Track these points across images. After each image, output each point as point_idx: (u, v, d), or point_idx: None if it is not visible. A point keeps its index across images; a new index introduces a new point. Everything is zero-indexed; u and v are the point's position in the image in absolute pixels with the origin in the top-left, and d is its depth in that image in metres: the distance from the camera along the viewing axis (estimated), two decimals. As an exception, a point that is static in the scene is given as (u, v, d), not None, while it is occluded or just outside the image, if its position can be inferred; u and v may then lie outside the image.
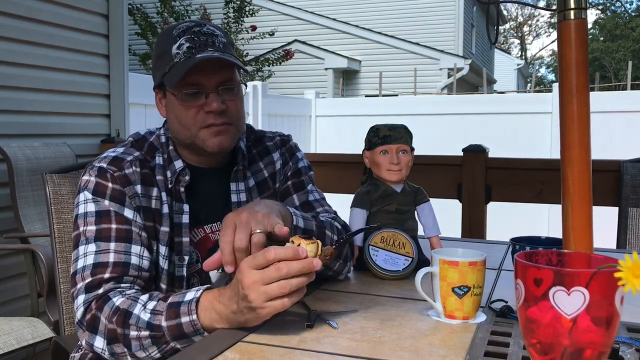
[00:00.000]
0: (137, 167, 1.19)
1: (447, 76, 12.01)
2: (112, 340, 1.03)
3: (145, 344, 1.01)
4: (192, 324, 0.99)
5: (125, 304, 1.04)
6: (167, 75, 1.17)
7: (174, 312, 1.00)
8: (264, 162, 1.34)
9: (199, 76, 1.15)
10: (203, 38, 1.17)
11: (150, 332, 1.01)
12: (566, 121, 1.09)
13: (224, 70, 1.18)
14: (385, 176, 1.40)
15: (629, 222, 2.44)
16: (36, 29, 3.17)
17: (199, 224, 1.24)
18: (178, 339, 1.00)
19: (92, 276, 1.09)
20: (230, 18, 8.22)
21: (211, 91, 1.17)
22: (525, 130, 6.22)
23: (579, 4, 1.08)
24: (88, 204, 1.15)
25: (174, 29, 1.19)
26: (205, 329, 0.99)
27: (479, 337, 0.96)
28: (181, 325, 0.99)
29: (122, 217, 1.15)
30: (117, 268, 1.10)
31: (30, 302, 2.62)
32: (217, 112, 1.17)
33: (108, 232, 1.13)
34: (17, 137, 3.06)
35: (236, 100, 1.21)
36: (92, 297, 1.07)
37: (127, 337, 1.02)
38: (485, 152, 2.92)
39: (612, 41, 29.01)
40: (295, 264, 0.92)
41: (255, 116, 5.70)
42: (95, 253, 1.11)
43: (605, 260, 0.76)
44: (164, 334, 1.00)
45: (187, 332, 0.99)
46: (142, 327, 1.01)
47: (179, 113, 1.19)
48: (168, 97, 1.21)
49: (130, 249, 1.13)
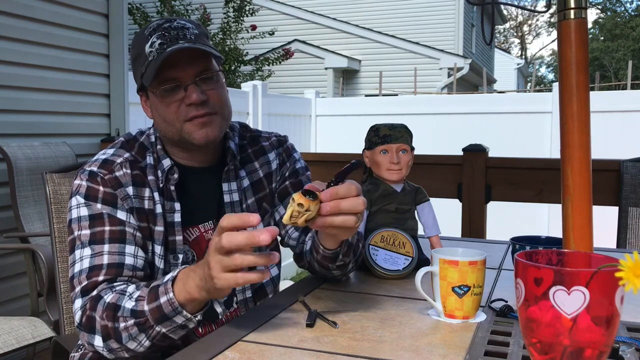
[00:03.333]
0: (128, 169, 1.19)
1: (447, 76, 12.01)
2: (107, 337, 1.03)
3: (132, 333, 1.01)
4: (170, 302, 0.98)
5: (114, 298, 1.04)
6: (144, 75, 1.17)
7: (153, 294, 0.99)
8: (259, 162, 1.34)
9: (174, 70, 1.15)
10: (174, 32, 1.17)
11: (135, 320, 1.00)
12: (566, 121, 1.09)
13: (198, 60, 1.17)
14: (385, 175, 1.40)
15: (628, 221, 2.44)
16: (36, 29, 3.17)
17: (192, 223, 1.24)
18: (161, 322, 0.99)
19: (87, 279, 1.10)
20: (230, 17, 8.21)
21: (189, 83, 1.16)
22: (525, 130, 6.21)
23: (579, 3, 1.07)
24: (80, 208, 1.15)
25: (146, 29, 1.20)
26: (182, 305, 0.98)
27: (479, 337, 0.96)
28: (161, 306, 0.98)
29: (115, 219, 1.15)
30: (111, 270, 1.11)
31: (30, 302, 2.62)
32: (198, 103, 1.16)
33: (102, 234, 1.13)
34: (17, 137, 3.06)
35: (217, 89, 1.20)
36: (87, 300, 1.08)
37: (117, 330, 1.02)
38: (485, 151, 2.92)
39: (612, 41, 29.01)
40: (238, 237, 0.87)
41: (255, 116, 5.69)
42: (91, 256, 1.12)
43: (606, 259, 0.76)
44: (147, 318, 0.99)
45: (167, 312, 0.98)
46: (127, 316, 1.01)
47: (161, 110, 1.19)
48: (150, 97, 1.21)
49: (124, 249, 1.13)
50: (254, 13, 8.40)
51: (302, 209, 0.93)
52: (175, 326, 1.00)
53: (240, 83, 7.30)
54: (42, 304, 2.42)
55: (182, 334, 1.03)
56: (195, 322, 1.01)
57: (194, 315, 1.00)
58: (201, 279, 0.94)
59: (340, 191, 0.96)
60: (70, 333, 1.42)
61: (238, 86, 6.81)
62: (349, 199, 0.96)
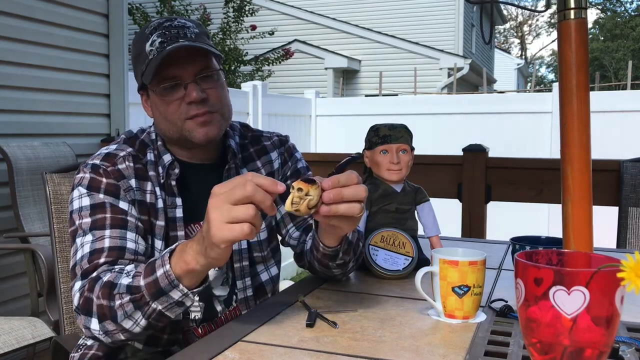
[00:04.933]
0: (131, 162, 1.19)
1: (447, 76, 12.01)
2: (102, 317, 1.01)
3: (128, 311, 0.99)
4: (166, 275, 0.95)
5: (111, 277, 1.02)
6: (144, 73, 1.17)
7: (150, 269, 0.98)
8: (261, 161, 1.34)
9: (174, 68, 1.15)
10: (174, 31, 1.17)
11: (131, 296, 0.98)
12: (566, 121, 1.09)
13: (198, 59, 1.17)
14: (385, 176, 1.40)
15: (628, 221, 2.44)
16: (36, 29, 3.17)
17: (194, 219, 1.24)
18: (157, 297, 0.97)
19: (88, 263, 1.08)
20: (230, 17, 8.21)
21: (189, 81, 1.16)
22: (525, 130, 6.21)
23: (579, 3, 1.08)
24: (83, 198, 1.15)
25: (146, 28, 1.20)
26: (178, 277, 0.95)
27: (479, 337, 0.96)
28: (157, 280, 0.96)
29: (118, 208, 1.14)
30: (113, 252, 1.09)
31: (30, 302, 2.62)
32: (198, 102, 1.16)
33: (103, 220, 1.12)
34: (17, 137, 3.06)
35: (217, 88, 1.20)
36: (86, 281, 1.06)
37: (113, 309, 0.99)
38: (485, 151, 2.92)
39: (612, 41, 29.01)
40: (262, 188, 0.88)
41: (255, 115, 5.69)
42: (92, 242, 1.11)
43: (606, 259, 0.76)
44: (142, 294, 0.97)
45: (163, 286, 0.96)
46: (123, 292, 0.99)
47: (161, 109, 1.19)
48: (151, 95, 1.21)
49: (125, 234, 1.13)
50: (253, 13, 8.40)
51: (301, 193, 0.92)
52: (172, 302, 0.97)
53: (240, 83, 7.30)
54: (42, 304, 2.42)
55: (179, 312, 1.01)
56: (193, 300, 0.98)
57: (191, 290, 0.97)
58: (198, 242, 0.93)
59: (342, 179, 0.96)
60: (70, 333, 1.42)
61: (238, 86, 6.81)
62: (352, 187, 0.95)
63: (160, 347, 1.19)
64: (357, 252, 1.24)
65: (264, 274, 1.33)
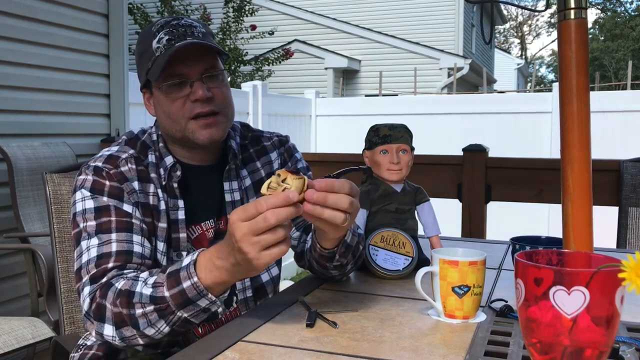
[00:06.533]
0: (133, 164, 1.19)
1: (447, 76, 12.00)
2: (120, 324, 1.02)
3: (152, 319, 1.00)
4: (194, 287, 0.97)
5: (127, 285, 1.03)
6: (150, 70, 1.17)
7: (174, 280, 0.99)
8: (261, 162, 1.34)
9: (181, 66, 1.16)
10: (182, 29, 1.17)
11: (155, 306, 0.99)
12: (566, 121, 1.09)
13: (205, 57, 1.18)
14: (385, 176, 1.40)
15: (628, 221, 2.44)
16: (36, 29, 3.17)
17: (194, 221, 1.24)
18: (183, 307, 0.99)
19: (96, 267, 1.08)
20: (230, 17, 8.22)
21: (195, 80, 1.16)
22: (525, 130, 6.21)
23: (579, 3, 1.07)
24: (86, 200, 1.15)
25: (153, 26, 1.20)
26: (208, 288, 0.98)
27: (479, 337, 0.96)
28: (184, 291, 0.97)
29: (122, 211, 1.14)
30: (120, 257, 1.10)
31: (30, 302, 2.62)
32: (203, 100, 1.16)
33: (108, 224, 1.12)
34: (17, 137, 3.06)
35: (222, 88, 1.21)
36: (96, 287, 1.07)
37: (134, 317, 1.00)
38: (485, 151, 2.92)
39: (612, 41, 29.01)
40: (284, 211, 0.90)
41: (255, 115, 5.69)
42: (98, 245, 1.10)
43: (606, 259, 0.76)
44: (168, 304, 0.98)
45: (191, 297, 0.98)
46: (146, 302, 1.00)
47: (166, 106, 1.19)
48: (155, 93, 1.21)
49: (132, 238, 1.13)
50: (253, 13, 8.40)
51: (279, 179, 0.93)
52: (198, 310, 1.00)
53: (240, 83, 7.30)
54: (42, 304, 2.42)
55: (204, 317, 1.03)
56: (219, 305, 1.00)
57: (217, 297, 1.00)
58: (234, 265, 0.94)
59: (336, 184, 0.95)
60: (70, 333, 1.42)
61: (238, 86, 6.81)
62: (337, 195, 0.95)
63: (160, 349, 1.19)
64: (357, 255, 1.24)
65: (264, 274, 1.33)
